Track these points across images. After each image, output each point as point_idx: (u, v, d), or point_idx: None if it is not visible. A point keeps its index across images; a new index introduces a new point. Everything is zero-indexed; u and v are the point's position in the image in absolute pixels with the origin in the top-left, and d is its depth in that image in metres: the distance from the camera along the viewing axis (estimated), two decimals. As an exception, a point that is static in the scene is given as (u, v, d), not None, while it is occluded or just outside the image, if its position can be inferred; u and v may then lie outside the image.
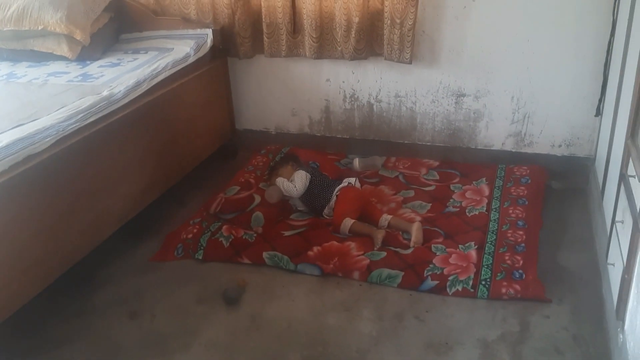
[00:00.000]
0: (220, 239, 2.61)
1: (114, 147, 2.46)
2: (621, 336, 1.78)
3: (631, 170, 1.82)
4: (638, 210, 1.70)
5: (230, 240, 2.61)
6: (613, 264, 2.03)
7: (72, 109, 2.30)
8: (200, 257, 2.57)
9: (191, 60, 3.02)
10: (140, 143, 2.63)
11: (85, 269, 2.42)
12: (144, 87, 2.65)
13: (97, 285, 2.43)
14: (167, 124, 2.84)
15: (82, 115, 2.29)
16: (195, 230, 2.69)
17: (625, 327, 1.76)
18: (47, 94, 2.53)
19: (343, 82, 3.36)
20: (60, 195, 2.18)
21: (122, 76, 2.72)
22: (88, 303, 2.34)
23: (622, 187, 1.97)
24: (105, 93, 2.48)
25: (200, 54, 3.10)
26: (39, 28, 3.00)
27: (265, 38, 3.26)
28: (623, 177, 1.96)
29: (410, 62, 3.07)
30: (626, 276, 1.76)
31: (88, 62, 3.04)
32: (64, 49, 3.04)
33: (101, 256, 2.50)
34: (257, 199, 2.97)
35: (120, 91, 2.52)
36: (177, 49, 3.06)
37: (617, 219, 2.03)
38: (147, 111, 2.65)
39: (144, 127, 2.65)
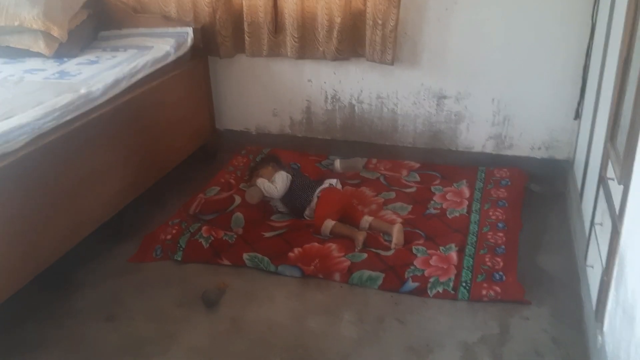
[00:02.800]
0: (199, 240, 2.58)
1: (91, 146, 2.42)
2: (600, 338, 1.79)
3: (610, 172, 1.84)
4: (617, 212, 1.71)
5: (210, 241, 2.58)
6: (592, 266, 2.04)
7: (48, 106, 2.25)
8: (180, 259, 2.53)
9: (171, 58, 2.99)
10: (118, 142, 2.59)
11: (61, 270, 2.38)
12: (123, 86, 2.61)
13: (73, 288, 2.39)
14: (146, 123, 2.80)
15: (58, 113, 2.25)
16: (174, 231, 2.66)
17: (605, 328, 1.77)
18: (22, 91, 2.46)
19: (324, 82, 3.35)
20: (35, 195, 2.13)
21: (100, 74, 2.66)
22: (64, 305, 2.29)
23: (601, 190, 1.99)
24: (83, 91, 2.43)
25: (181, 52, 3.07)
26: (15, 24, 2.93)
27: (246, 37, 3.23)
28: (602, 180, 1.98)
29: (392, 64, 3.07)
30: (605, 278, 1.78)
31: (65, 59, 2.98)
32: (40, 46, 2.98)
33: (77, 258, 2.45)
34: (238, 199, 2.94)
35: (98, 89, 2.47)
36: (156, 47, 3.02)
37: (595, 221, 2.05)
38: (125, 110, 2.61)
39: (123, 126, 2.61)
